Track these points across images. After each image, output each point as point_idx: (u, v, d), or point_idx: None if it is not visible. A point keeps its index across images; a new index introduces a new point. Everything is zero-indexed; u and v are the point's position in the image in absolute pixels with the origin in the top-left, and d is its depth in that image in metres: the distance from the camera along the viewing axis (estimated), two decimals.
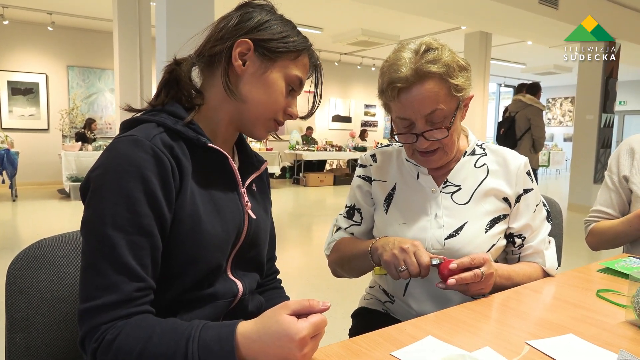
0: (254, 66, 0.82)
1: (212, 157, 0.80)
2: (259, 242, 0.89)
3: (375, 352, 0.71)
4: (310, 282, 3.38)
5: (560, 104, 15.23)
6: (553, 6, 5.99)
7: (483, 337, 0.78)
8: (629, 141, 1.54)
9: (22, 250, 0.84)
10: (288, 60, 0.83)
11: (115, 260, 0.67)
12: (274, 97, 0.83)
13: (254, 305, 0.90)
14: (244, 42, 0.80)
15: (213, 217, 0.78)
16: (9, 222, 5.34)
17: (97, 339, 0.65)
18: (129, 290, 0.68)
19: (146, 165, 0.70)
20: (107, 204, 0.68)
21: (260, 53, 0.81)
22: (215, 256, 0.78)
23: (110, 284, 0.67)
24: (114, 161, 0.70)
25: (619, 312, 0.90)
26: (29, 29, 7.90)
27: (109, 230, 0.67)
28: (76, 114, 8.16)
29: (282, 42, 0.82)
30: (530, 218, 1.10)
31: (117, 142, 0.73)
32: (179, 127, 0.77)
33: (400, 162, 1.17)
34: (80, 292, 0.68)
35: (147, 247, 0.70)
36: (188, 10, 3.06)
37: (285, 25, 0.84)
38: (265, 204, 0.96)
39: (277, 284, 1.05)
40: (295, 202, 7.53)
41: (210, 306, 0.79)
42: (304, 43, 0.85)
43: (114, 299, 0.67)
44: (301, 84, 0.86)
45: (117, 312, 0.67)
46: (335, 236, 1.21)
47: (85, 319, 0.67)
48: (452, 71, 0.98)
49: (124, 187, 0.68)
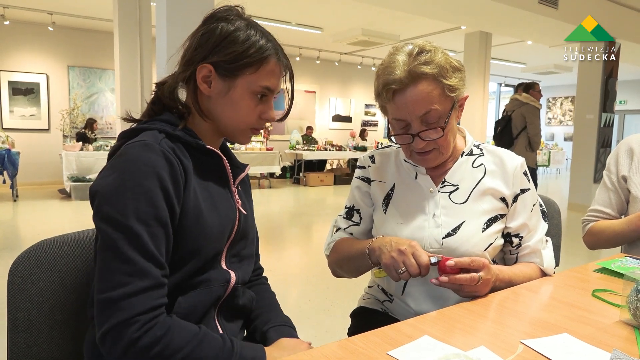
0: (219, 86, 0.86)
1: (208, 159, 0.88)
2: (247, 236, 0.97)
3: (372, 352, 0.72)
4: (310, 281, 3.39)
5: (560, 103, 15.23)
6: (553, 6, 5.99)
7: (478, 336, 0.79)
8: (628, 141, 1.53)
9: (24, 251, 0.85)
10: (249, 75, 0.85)
11: (142, 249, 0.72)
12: (243, 112, 0.88)
13: (246, 299, 0.95)
14: (204, 67, 0.85)
15: (212, 211, 0.85)
16: (10, 222, 5.35)
17: (138, 329, 0.69)
18: (158, 276, 0.74)
19: (159, 165, 0.77)
20: (129, 200, 0.73)
21: (221, 74, 0.85)
22: (213, 247, 0.86)
23: (140, 270, 0.72)
24: (129, 163, 0.76)
25: (614, 311, 0.90)
26: (30, 29, 7.91)
27: (133, 223, 0.72)
28: (77, 114, 8.17)
29: (239, 60, 0.84)
30: (527, 217, 1.11)
31: (128, 148, 0.78)
32: (177, 133, 0.84)
33: (398, 162, 1.18)
34: (101, 283, 0.71)
35: (164, 237, 0.76)
36: (188, 10, 3.06)
37: (246, 36, 0.85)
38: (250, 201, 1.03)
39: (264, 280, 1.11)
40: (295, 202, 7.54)
41: (206, 291, 0.84)
42: (263, 52, 0.85)
43: (147, 284, 0.72)
44: (271, 90, 0.88)
45: (151, 300, 0.72)
46: (334, 237, 1.22)
47: (114, 309, 0.69)
48: (445, 72, 0.99)
49: (143, 184, 0.74)
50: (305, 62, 10.39)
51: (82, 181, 6.66)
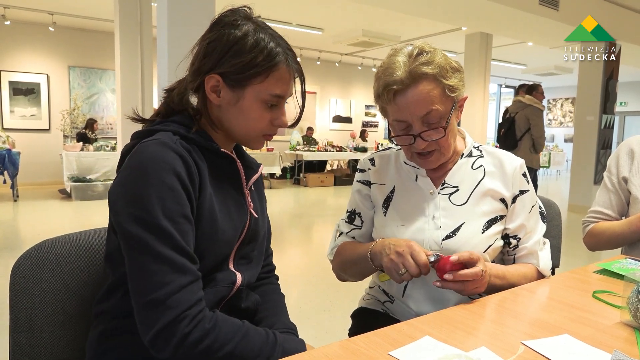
0: (228, 96, 0.85)
1: (222, 162, 0.88)
2: (257, 238, 0.96)
3: (374, 352, 0.72)
4: (310, 282, 3.40)
5: (560, 104, 15.23)
6: (554, 7, 6.00)
7: (479, 337, 0.79)
8: (629, 142, 1.54)
9: (27, 251, 0.85)
10: (257, 84, 0.83)
11: (176, 246, 0.73)
12: (253, 120, 0.86)
13: (250, 302, 0.95)
14: (211, 77, 0.83)
15: (225, 215, 0.85)
16: (10, 222, 5.36)
17: (188, 323, 0.71)
18: (194, 270, 0.75)
19: (176, 163, 0.76)
20: (153, 199, 0.73)
21: (229, 84, 0.84)
22: (223, 251, 0.86)
23: (179, 267, 0.72)
24: (148, 161, 0.75)
25: (614, 313, 0.90)
26: (31, 29, 7.92)
27: (163, 221, 0.72)
28: (77, 114, 8.18)
29: (247, 70, 0.82)
30: (525, 219, 1.11)
31: (144, 146, 0.77)
32: (192, 135, 0.84)
33: (398, 165, 1.18)
34: (141, 286, 0.72)
35: (191, 232, 0.77)
36: (190, 10, 3.06)
37: (253, 43, 0.82)
38: (262, 201, 1.03)
39: (274, 280, 1.10)
40: (295, 203, 7.54)
41: (212, 291, 0.84)
42: (271, 59, 0.83)
43: (188, 280, 0.73)
44: (281, 96, 0.86)
45: (194, 294, 0.73)
46: (337, 241, 1.22)
47: (162, 308, 0.70)
48: (445, 72, 1.00)
49: (165, 182, 0.74)
50: (305, 62, 10.39)
51: (83, 181, 6.67)
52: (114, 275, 0.82)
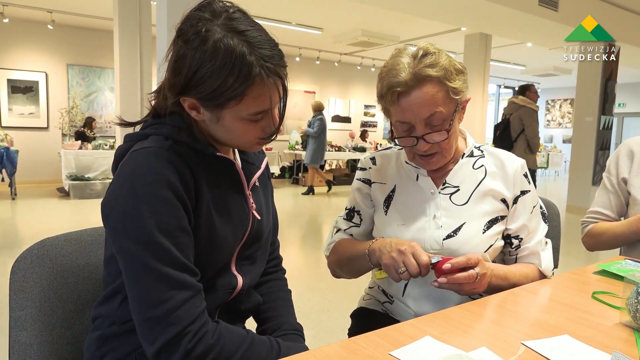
0: (207, 115, 0.78)
1: (219, 165, 0.84)
2: (260, 239, 0.93)
3: (374, 352, 0.72)
4: (309, 282, 3.40)
5: (559, 105, 15.25)
6: (553, 8, 6.00)
7: (480, 337, 0.80)
8: (629, 143, 1.54)
9: (26, 249, 0.85)
10: (234, 106, 0.75)
11: (174, 262, 0.71)
12: (240, 136, 0.81)
13: (250, 303, 0.94)
14: (185, 99, 0.76)
15: (225, 222, 0.82)
16: (9, 221, 5.34)
17: (191, 339, 0.70)
18: (194, 283, 0.73)
19: (169, 173, 0.73)
20: (147, 213, 0.70)
21: (205, 105, 0.76)
22: (223, 257, 0.85)
23: (177, 283, 0.71)
24: (139, 173, 0.72)
25: (614, 313, 0.91)
26: (29, 27, 7.89)
27: (158, 237, 0.70)
28: (76, 112, 8.16)
29: (218, 97, 0.73)
30: (527, 219, 1.11)
31: (135, 155, 0.74)
32: (186, 140, 0.79)
33: (399, 164, 1.18)
34: (141, 303, 0.70)
35: (190, 244, 0.75)
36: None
37: (221, 62, 0.71)
38: (268, 196, 0.99)
39: (281, 275, 1.08)
40: (294, 202, 7.53)
41: (212, 296, 0.83)
42: (244, 79, 0.72)
43: (188, 295, 0.71)
44: (263, 112, 0.78)
45: (195, 308, 0.72)
46: (334, 237, 1.22)
47: (163, 324, 0.69)
48: (450, 74, 1.00)
49: (158, 195, 0.71)
50: (305, 62, 10.39)
51: (81, 180, 6.66)
52: (113, 281, 0.81)
